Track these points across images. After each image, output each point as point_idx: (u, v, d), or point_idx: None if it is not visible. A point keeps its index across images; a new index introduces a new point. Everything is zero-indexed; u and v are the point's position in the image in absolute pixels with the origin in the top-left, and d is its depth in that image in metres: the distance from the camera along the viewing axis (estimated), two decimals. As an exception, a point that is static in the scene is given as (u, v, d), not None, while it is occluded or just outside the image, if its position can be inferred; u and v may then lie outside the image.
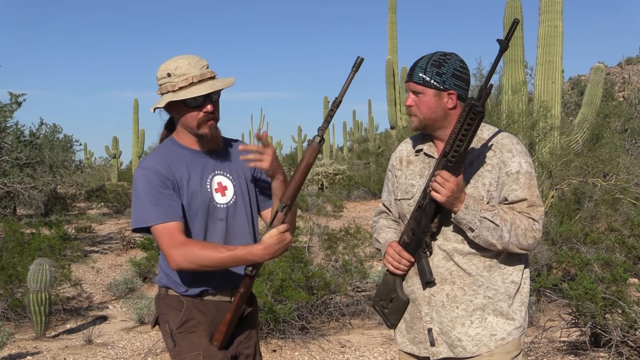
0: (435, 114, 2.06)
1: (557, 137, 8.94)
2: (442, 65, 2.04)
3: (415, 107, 2.08)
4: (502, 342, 2.04)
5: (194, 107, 2.10)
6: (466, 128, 1.93)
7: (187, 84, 2.08)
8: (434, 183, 1.97)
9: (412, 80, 2.07)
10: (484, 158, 2.07)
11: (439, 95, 2.05)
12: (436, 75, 2.03)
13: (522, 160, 2.05)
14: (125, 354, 5.39)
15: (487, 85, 1.95)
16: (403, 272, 2.14)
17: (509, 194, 2.02)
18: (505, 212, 1.99)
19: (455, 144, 1.94)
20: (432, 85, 2.04)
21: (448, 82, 2.04)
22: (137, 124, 26.81)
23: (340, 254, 6.64)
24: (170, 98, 2.08)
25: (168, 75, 2.10)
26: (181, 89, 2.08)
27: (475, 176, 2.06)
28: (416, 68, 2.07)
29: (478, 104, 1.91)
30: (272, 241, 2.05)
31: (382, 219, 2.33)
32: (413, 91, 2.07)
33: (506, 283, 2.06)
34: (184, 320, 2.14)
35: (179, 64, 2.10)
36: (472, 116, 1.92)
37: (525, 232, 1.98)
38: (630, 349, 4.26)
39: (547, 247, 6.15)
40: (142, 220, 2.08)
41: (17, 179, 11.18)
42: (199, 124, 2.12)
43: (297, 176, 2.10)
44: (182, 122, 2.16)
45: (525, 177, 2.03)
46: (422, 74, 2.04)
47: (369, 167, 21.81)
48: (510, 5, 9.65)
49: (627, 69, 35.63)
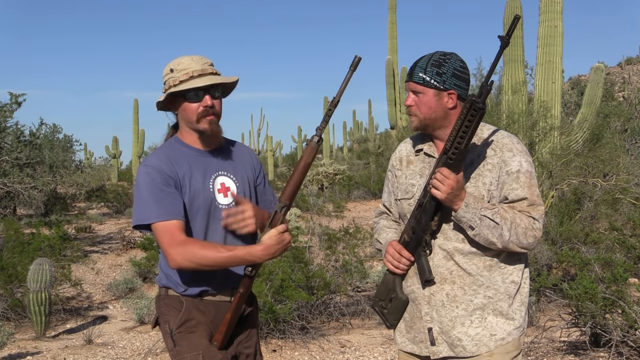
0: (435, 113, 2.06)
1: (557, 137, 8.94)
2: (442, 65, 2.04)
3: (415, 107, 2.08)
4: (501, 342, 2.04)
5: (193, 101, 2.12)
6: (467, 125, 1.93)
7: (187, 77, 2.10)
8: (434, 180, 1.97)
9: (412, 80, 2.07)
10: (484, 157, 2.07)
11: (439, 95, 2.05)
12: (436, 75, 2.03)
13: (522, 160, 2.05)
14: (125, 354, 5.39)
15: (488, 82, 1.95)
16: (403, 272, 2.14)
17: (509, 193, 2.03)
18: (506, 211, 1.99)
19: (456, 141, 1.94)
20: (432, 85, 2.04)
21: (448, 82, 2.04)
22: (137, 124, 26.81)
23: (340, 254, 6.64)
24: (171, 91, 2.11)
25: (171, 71, 2.14)
26: (181, 83, 2.10)
27: (475, 175, 2.06)
28: (416, 68, 2.07)
29: (479, 100, 1.92)
30: (272, 242, 2.05)
31: (383, 219, 2.33)
32: (413, 91, 2.07)
33: (506, 283, 2.06)
34: (184, 320, 2.14)
35: (182, 60, 2.14)
36: (473, 112, 1.92)
37: (526, 230, 1.98)
38: (630, 349, 4.26)
39: (547, 247, 6.15)
40: (143, 218, 2.08)
41: (17, 179, 11.18)
42: (198, 117, 2.13)
43: (296, 176, 2.12)
44: (182, 118, 2.18)
45: (525, 176, 2.03)
46: (422, 74, 2.04)
47: (369, 167, 21.81)
48: (510, 5, 9.66)
49: (627, 69, 35.64)
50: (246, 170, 2.28)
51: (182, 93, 2.11)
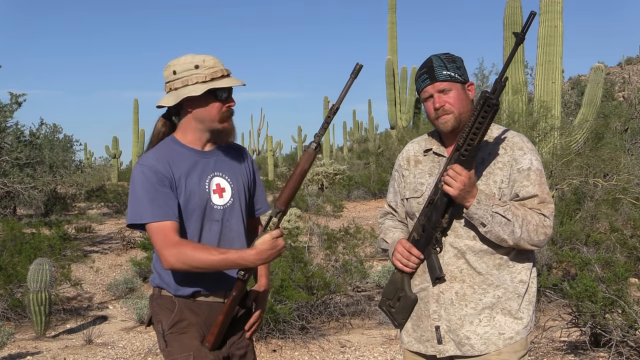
0: (466, 106, 2.07)
1: (557, 137, 8.95)
2: (454, 60, 2.08)
3: (449, 105, 2.05)
4: (510, 341, 2.05)
5: (220, 100, 2.12)
6: (480, 121, 1.93)
7: (218, 75, 2.10)
8: (446, 177, 1.97)
9: (438, 80, 2.05)
10: (495, 156, 2.08)
11: (464, 89, 2.08)
12: (457, 69, 2.06)
13: (533, 158, 2.06)
14: (125, 354, 5.39)
15: (502, 78, 1.95)
16: (412, 270, 2.13)
17: (520, 190, 2.03)
18: (517, 208, 2.00)
19: (469, 137, 1.94)
20: (458, 80, 2.06)
21: (465, 74, 2.08)
22: (137, 124, 26.84)
23: (340, 254, 6.64)
24: (206, 87, 2.08)
25: (196, 67, 2.11)
26: (213, 80, 2.10)
27: (486, 173, 2.07)
28: (436, 68, 2.06)
29: (492, 96, 1.92)
30: (265, 247, 2.04)
31: (388, 219, 2.32)
32: (440, 91, 2.05)
33: (515, 282, 2.07)
34: (176, 321, 2.14)
35: (205, 58, 2.13)
36: (487, 109, 1.92)
37: (537, 227, 1.99)
38: (630, 349, 4.26)
39: (547, 247, 6.14)
40: (137, 217, 2.08)
41: (17, 179, 11.18)
42: (222, 117, 2.14)
43: (292, 182, 2.10)
44: (199, 116, 2.15)
45: (536, 174, 2.04)
46: (447, 72, 2.05)
47: (369, 167, 21.78)
48: (510, 5, 9.66)
49: (627, 69, 35.65)
50: (241, 171, 2.28)
51: (213, 90, 2.10)
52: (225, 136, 2.21)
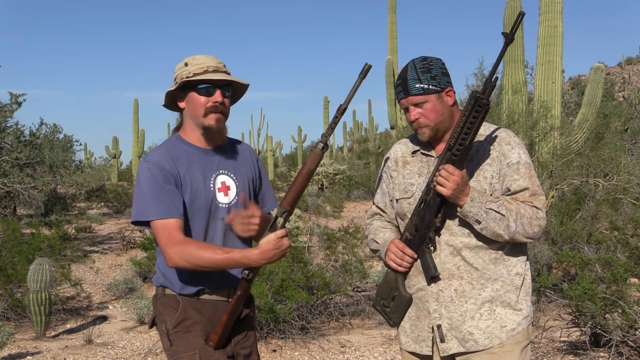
0: (443, 115, 2.08)
1: (557, 137, 8.94)
2: (430, 69, 2.06)
3: (423, 118, 2.08)
4: (512, 332, 2.07)
5: (204, 94, 2.12)
6: (471, 121, 1.94)
7: (201, 71, 2.11)
8: (438, 177, 1.98)
9: (411, 94, 2.06)
10: (483, 152, 2.09)
11: (440, 98, 2.07)
12: (431, 80, 2.05)
13: (520, 152, 2.08)
14: (125, 354, 5.38)
15: (492, 78, 1.96)
16: (406, 269, 2.14)
17: (511, 184, 2.05)
18: (510, 203, 2.02)
19: (461, 137, 1.95)
20: (432, 91, 2.05)
21: (442, 81, 2.06)
22: (137, 124, 26.83)
23: (340, 254, 6.64)
24: (184, 80, 2.10)
25: (185, 64, 2.14)
26: (195, 75, 2.11)
27: (476, 170, 2.08)
28: (409, 81, 2.06)
29: (483, 96, 1.92)
30: (269, 246, 2.04)
31: (377, 220, 2.32)
32: (414, 104, 2.07)
33: (511, 275, 2.10)
34: (181, 320, 2.14)
35: (198, 56, 2.16)
36: (478, 109, 1.93)
37: (531, 220, 2.01)
38: (630, 349, 4.26)
39: (547, 247, 6.14)
40: (142, 214, 2.09)
41: (17, 179, 11.17)
42: (206, 112, 2.13)
43: (298, 182, 2.09)
44: (189, 112, 2.17)
45: (525, 167, 2.07)
46: (419, 84, 2.05)
47: (369, 167, 21.80)
48: (510, 5, 9.65)
49: (627, 69, 35.68)
50: (246, 170, 2.28)
51: (194, 84, 2.11)
52: (212, 136, 2.19)
